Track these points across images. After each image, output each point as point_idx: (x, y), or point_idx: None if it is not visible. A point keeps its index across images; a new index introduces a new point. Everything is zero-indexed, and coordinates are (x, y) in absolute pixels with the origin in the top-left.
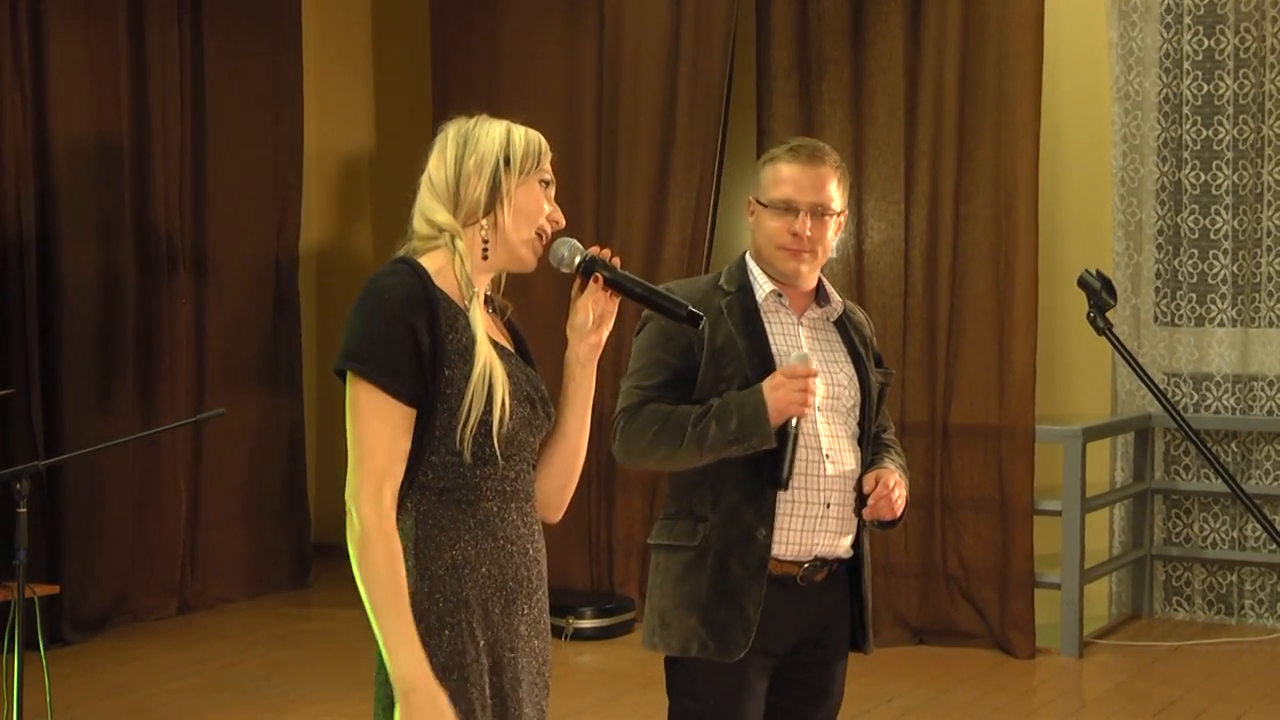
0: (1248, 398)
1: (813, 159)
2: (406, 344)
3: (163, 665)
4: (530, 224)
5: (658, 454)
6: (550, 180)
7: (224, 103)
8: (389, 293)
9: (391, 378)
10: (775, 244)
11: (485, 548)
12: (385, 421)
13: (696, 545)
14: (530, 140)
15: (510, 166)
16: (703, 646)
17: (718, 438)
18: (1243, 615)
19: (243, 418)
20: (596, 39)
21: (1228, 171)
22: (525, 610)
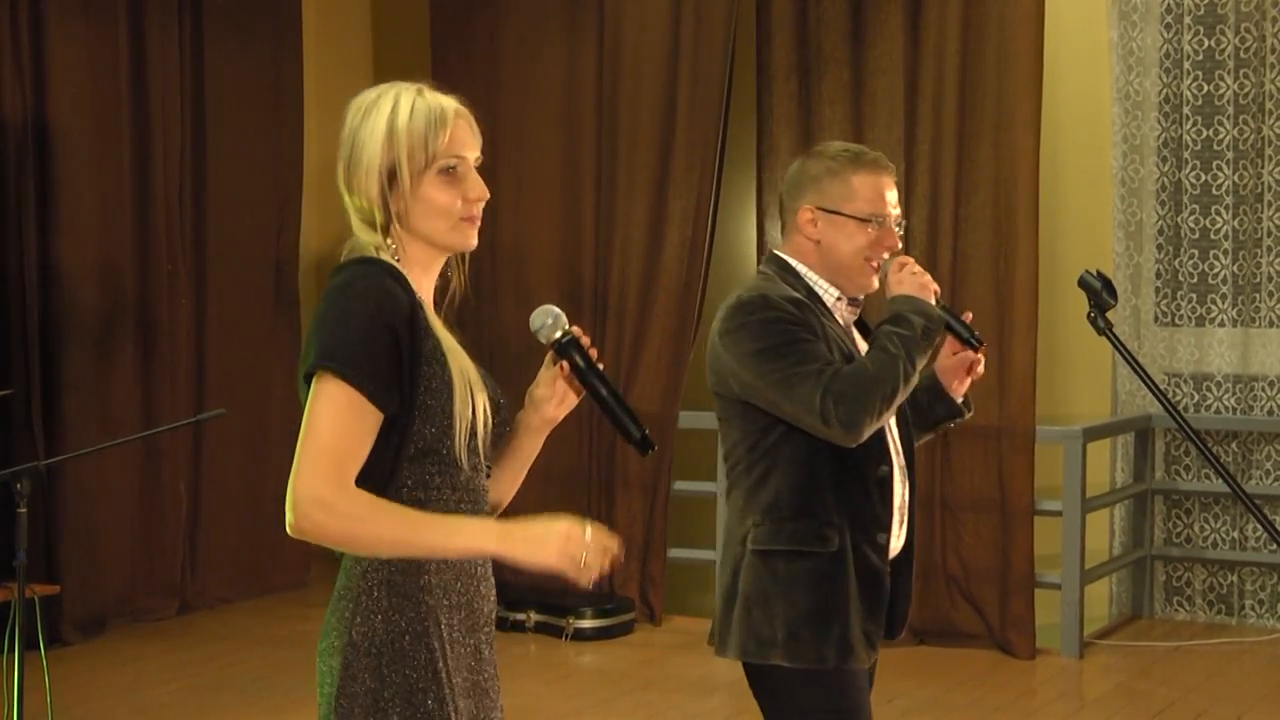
0: (1248, 398)
1: (888, 168)
2: (385, 346)
3: (163, 666)
4: (444, 217)
5: (888, 396)
6: (453, 165)
7: (224, 103)
8: (367, 290)
9: (369, 380)
10: (863, 257)
11: (456, 562)
12: (357, 421)
13: (831, 551)
14: (415, 131)
15: (398, 175)
16: (840, 656)
17: (915, 341)
18: (1243, 615)
19: (243, 418)
20: (596, 40)
21: (1228, 172)
22: (485, 628)
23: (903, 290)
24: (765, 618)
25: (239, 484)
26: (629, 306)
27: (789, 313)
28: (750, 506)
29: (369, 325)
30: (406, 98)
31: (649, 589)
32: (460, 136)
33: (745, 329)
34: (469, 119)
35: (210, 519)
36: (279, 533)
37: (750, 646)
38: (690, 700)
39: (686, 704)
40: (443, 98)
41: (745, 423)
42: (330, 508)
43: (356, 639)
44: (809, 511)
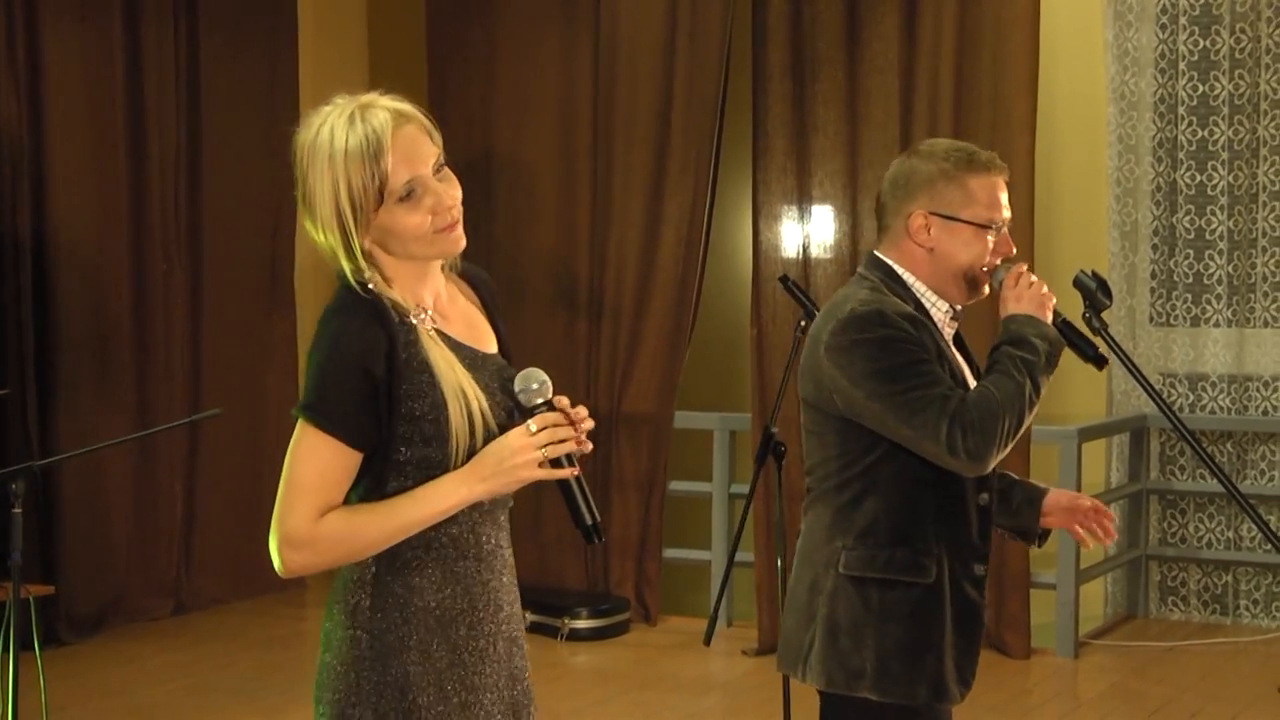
0: (1243, 398)
1: (1001, 168)
2: (360, 390)
3: (158, 666)
4: (418, 238)
5: (1013, 431)
6: (410, 190)
7: (220, 103)
8: (342, 334)
9: (340, 425)
10: (985, 265)
11: (453, 565)
12: (333, 464)
13: (929, 582)
14: (355, 172)
15: (353, 219)
16: (934, 692)
17: (1040, 366)
18: (1238, 615)
19: (238, 418)
20: (592, 40)
21: (1223, 172)
22: (495, 629)
23: (1021, 308)
24: (855, 648)
25: (234, 484)
26: (624, 306)
27: (906, 331)
28: (842, 528)
29: (342, 369)
30: (340, 128)
31: (644, 589)
32: (406, 153)
33: (860, 347)
34: (414, 120)
35: (206, 519)
36: None
37: (838, 677)
38: (686, 700)
39: (682, 704)
40: (378, 113)
41: (843, 440)
42: (307, 544)
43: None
44: (907, 539)
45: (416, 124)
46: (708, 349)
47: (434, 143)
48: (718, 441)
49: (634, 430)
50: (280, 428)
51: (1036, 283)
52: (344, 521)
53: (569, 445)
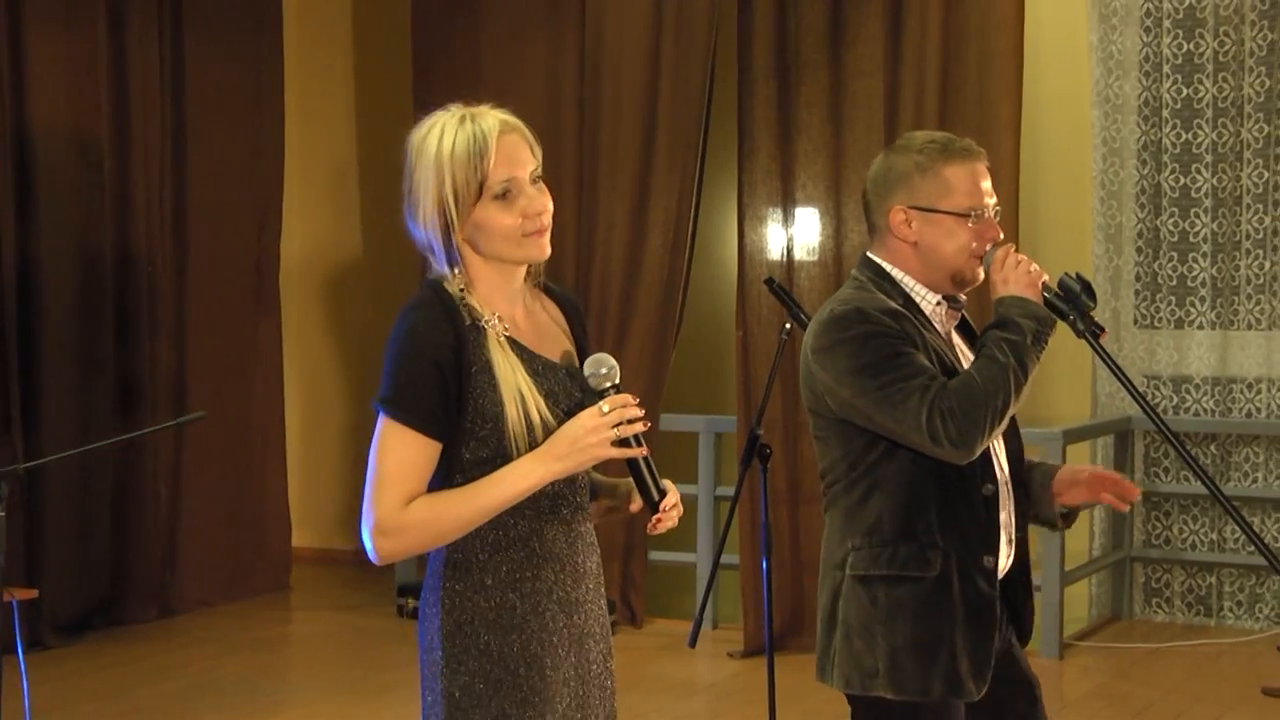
0: (1226, 400)
1: (978, 155)
2: (432, 381)
3: (143, 670)
4: (508, 238)
5: (998, 408)
6: (506, 190)
7: (205, 104)
8: (414, 329)
9: (417, 415)
10: (970, 253)
11: (521, 569)
12: (414, 454)
13: (934, 576)
14: (460, 165)
15: (453, 210)
16: (947, 688)
17: (1026, 347)
18: (1222, 617)
19: (223, 421)
20: (578, 42)
21: (1207, 175)
22: (570, 626)
23: (1009, 290)
24: (867, 647)
25: (220, 487)
26: (610, 308)
27: (886, 325)
28: (849, 528)
29: (415, 362)
30: (450, 128)
31: (630, 591)
32: (508, 155)
33: (841, 345)
34: (519, 131)
35: (191, 522)
36: (260, 535)
37: (854, 678)
38: (672, 702)
39: (668, 706)
40: (488, 119)
41: (844, 441)
42: (396, 531)
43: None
44: (910, 534)
45: (520, 134)
46: (693, 351)
47: (534, 155)
48: (703, 444)
49: None
50: (266, 430)
51: (1024, 262)
52: (428, 507)
53: (639, 426)
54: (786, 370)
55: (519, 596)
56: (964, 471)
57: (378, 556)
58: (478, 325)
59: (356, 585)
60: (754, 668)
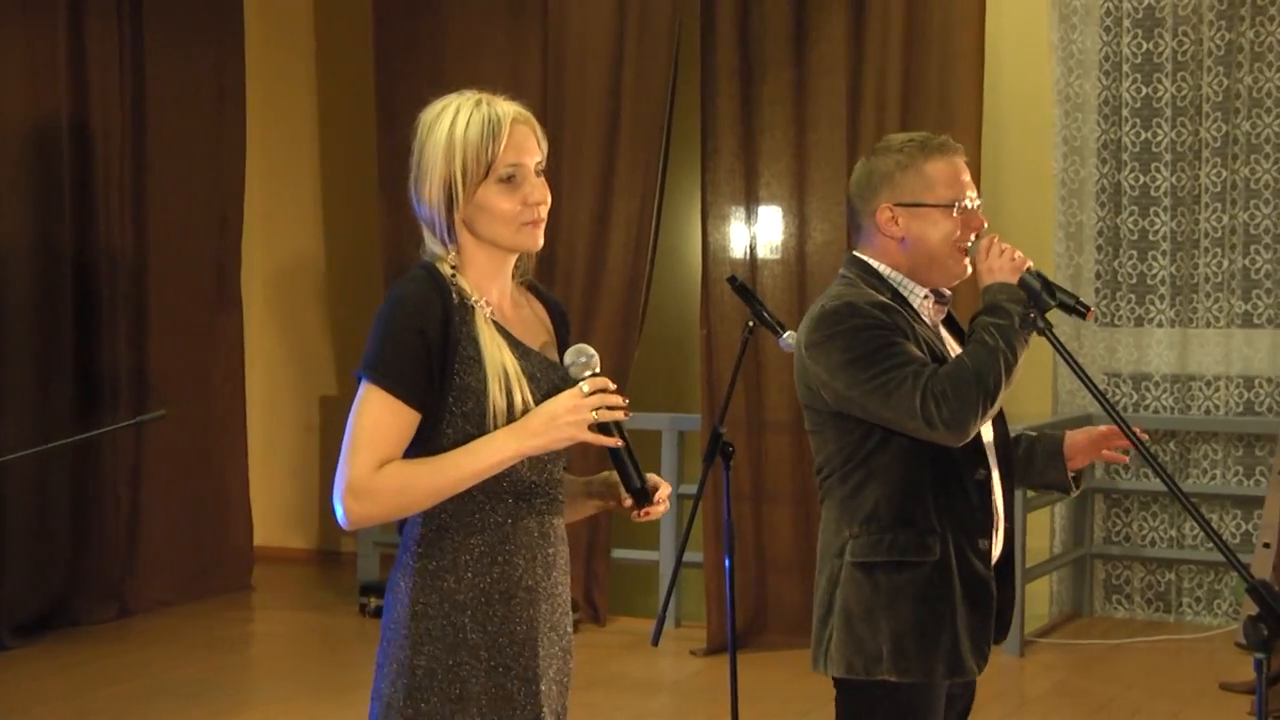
0: (1186, 397)
1: (958, 149)
2: (416, 351)
3: (104, 669)
4: (506, 223)
5: (990, 390)
6: (511, 173)
7: (166, 102)
8: (403, 301)
9: (399, 383)
10: (955, 245)
11: (493, 553)
12: (392, 420)
13: (934, 560)
14: (471, 142)
15: (458, 186)
16: (950, 669)
17: (1014, 330)
18: (1180, 613)
19: (184, 419)
20: (540, 41)
21: (1166, 173)
22: (537, 615)
23: (994, 278)
24: (870, 633)
25: (180, 486)
26: (573, 306)
27: (877, 318)
28: (847, 517)
29: (401, 331)
30: (465, 109)
31: (594, 589)
32: (518, 143)
33: (834, 339)
34: (530, 124)
35: (150, 522)
36: (220, 535)
37: (857, 663)
38: (635, 700)
39: (631, 704)
40: (502, 105)
41: (839, 434)
42: (366, 493)
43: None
44: (909, 520)
45: (531, 126)
46: (657, 350)
47: (541, 149)
48: (666, 442)
49: None
50: (227, 429)
51: (1007, 250)
52: (400, 472)
53: (619, 415)
54: (749, 368)
55: (490, 580)
56: (957, 457)
57: (347, 519)
58: (466, 304)
59: (319, 584)
60: (717, 665)
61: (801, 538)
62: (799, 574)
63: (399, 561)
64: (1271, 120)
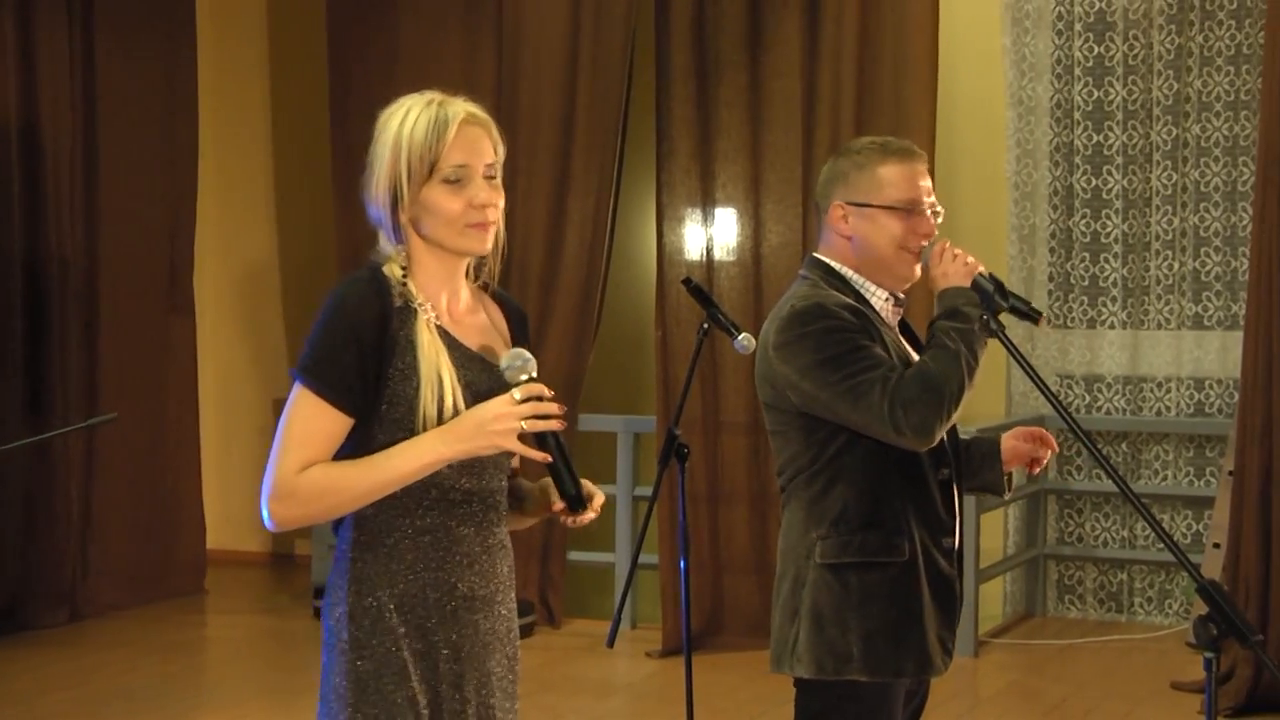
0: (1137, 399)
1: (917, 155)
2: (350, 354)
3: (54, 674)
4: (450, 224)
5: (954, 394)
6: (458, 176)
7: (117, 103)
8: (342, 303)
9: (330, 386)
10: (901, 246)
11: (427, 558)
12: (320, 423)
13: (904, 560)
14: (415, 142)
15: (403, 185)
16: (919, 666)
17: (974, 333)
18: (1133, 613)
19: (137, 422)
20: (495, 42)
21: (1118, 176)
22: (475, 623)
23: (949, 282)
24: (841, 633)
25: (132, 489)
26: (528, 308)
27: (847, 320)
28: (814, 519)
29: (337, 334)
30: (417, 108)
31: (548, 591)
32: (467, 144)
33: (803, 340)
34: (484, 125)
35: (103, 525)
36: (173, 538)
37: (828, 663)
38: (590, 702)
39: (586, 706)
40: (455, 105)
41: (805, 435)
42: (288, 495)
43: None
44: (877, 522)
45: (485, 129)
46: (612, 351)
47: (495, 151)
48: (622, 444)
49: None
50: (179, 432)
51: (960, 255)
52: (324, 474)
53: (554, 424)
54: (705, 370)
55: (422, 587)
56: (923, 458)
57: (272, 522)
58: (410, 307)
59: (273, 588)
60: (672, 667)
61: (757, 539)
62: (755, 575)
63: (335, 566)
64: (1221, 124)
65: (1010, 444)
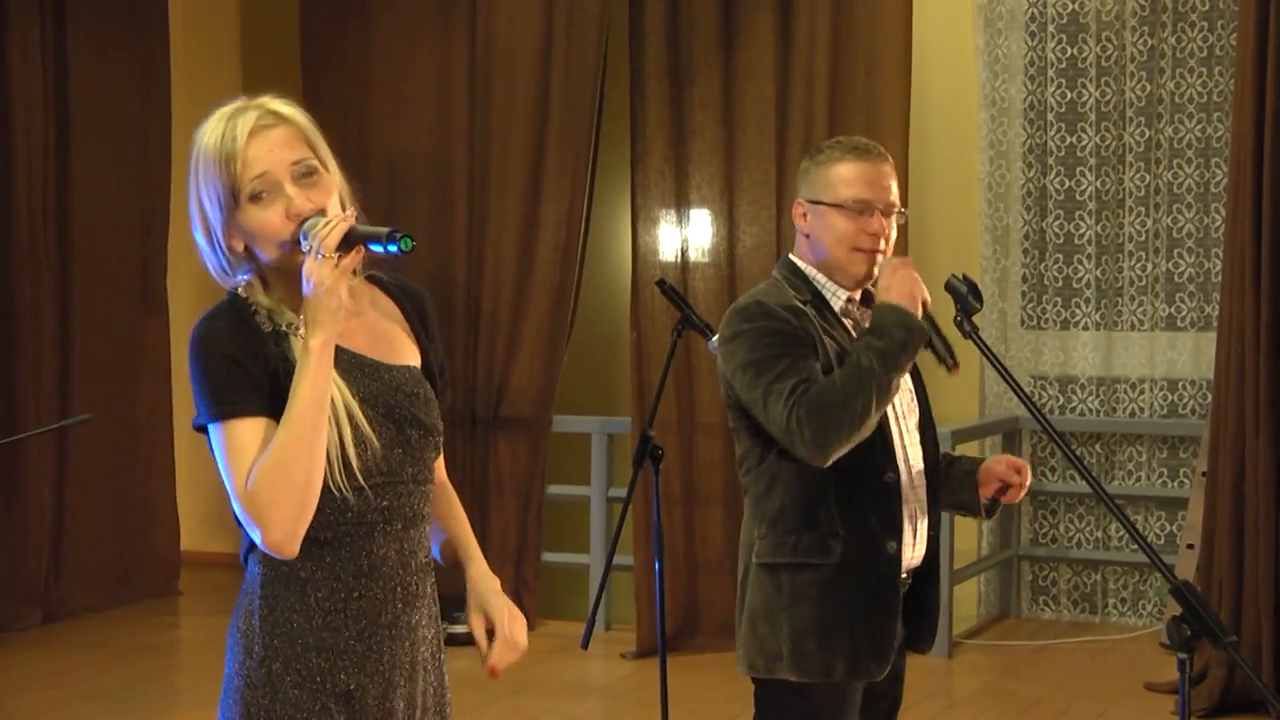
0: (1111, 400)
1: (876, 156)
2: (235, 372)
3: (27, 676)
4: (272, 242)
5: (857, 413)
6: (259, 192)
7: (89, 102)
8: (208, 338)
9: (236, 405)
10: (850, 245)
11: (345, 584)
12: (248, 438)
13: (834, 562)
14: (210, 175)
15: (222, 217)
16: (851, 669)
17: (889, 357)
18: (1106, 614)
19: (109, 423)
20: (468, 43)
21: (1091, 177)
22: (400, 647)
23: (889, 297)
24: (770, 631)
25: (106, 490)
26: (502, 310)
27: (782, 321)
28: (756, 517)
29: (213, 364)
30: (209, 131)
31: (523, 593)
32: (258, 155)
33: (738, 339)
34: (288, 125)
35: (76, 526)
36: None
37: (759, 661)
38: (565, 704)
39: (561, 707)
40: (247, 115)
41: (753, 433)
42: (253, 507)
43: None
44: (812, 523)
45: (288, 127)
46: (586, 353)
47: (306, 146)
48: (596, 445)
49: (512, 434)
50: (152, 432)
51: (911, 276)
52: (262, 462)
53: (340, 226)
54: (679, 371)
55: (346, 618)
56: (861, 462)
57: (276, 548)
58: (279, 331)
59: None
60: (647, 668)
61: (732, 541)
62: (730, 577)
63: (239, 606)
64: (1193, 125)
65: (987, 466)
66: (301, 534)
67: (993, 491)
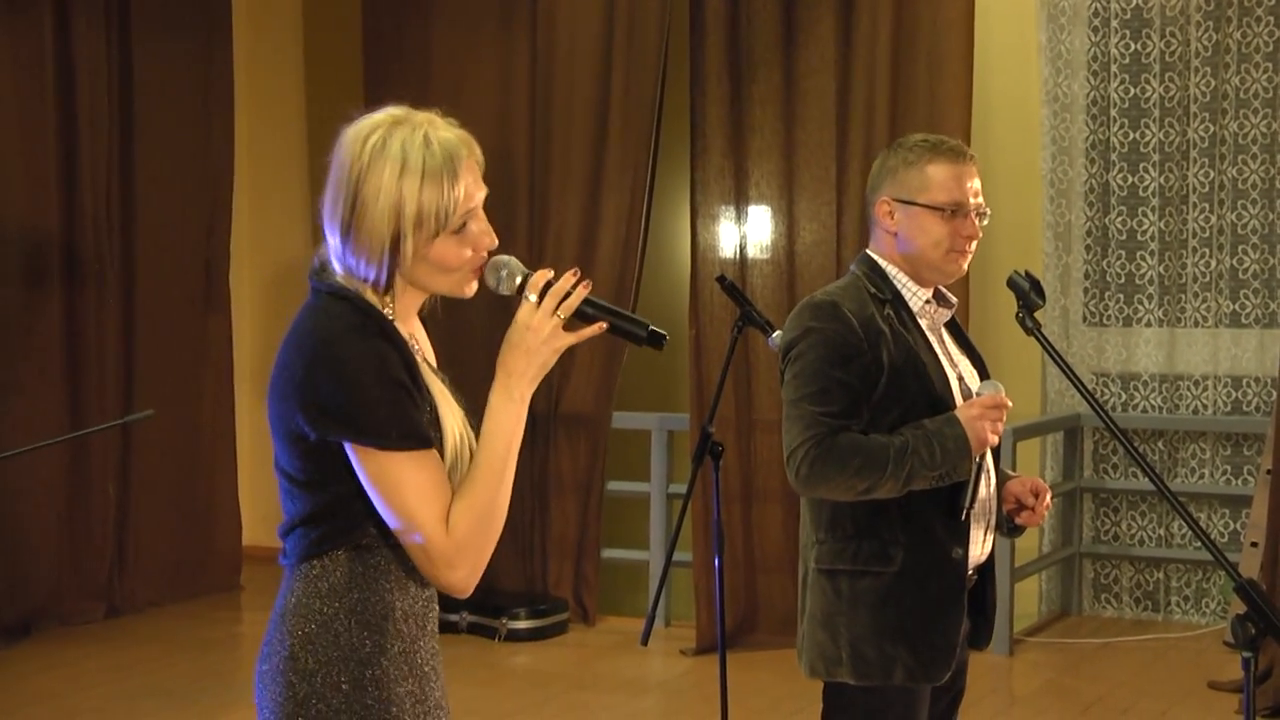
0: (1174, 397)
1: (966, 157)
2: (407, 398)
3: (90, 670)
4: (451, 274)
5: (855, 488)
6: (466, 224)
7: (153, 103)
8: (371, 355)
9: (412, 437)
10: (945, 248)
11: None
12: (427, 475)
13: (895, 570)
14: (428, 199)
15: (405, 241)
16: (909, 674)
17: (919, 470)
18: (1169, 612)
19: (173, 419)
20: (529, 41)
21: (1154, 173)
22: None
23: (970, 430)
24: (830, 637)
25: (169, 486)
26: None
27: (848, 335)
28: (815, 522)
29: (385, 387)
30: (415, 146)
31: (583, 590)
32: (470, 184)
33: (805, 338)
34: (475, 152)
35: (139, 521)
36: (209, 534)
37: (819, 666)
38: (624, 700)
39: (620, 704)
40: (450, 136)
41: None
42: (456, 555)
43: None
44: (873, 530)
45: (475, 155)
46: (645, 350)
47: (482, 181)
48: (655, 442)
49: (572, 431)
50: (215, 429)
51: (997, 429)
52: (463, 512)
53: (581, 292)
54: (738, 368)
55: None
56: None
57: (461, 589)
58: (411, 346)
59: None
60: (706, 665)
61: (791, 538)
62: (788, 574)
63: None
64: (1258, 121)
65: (1008, 485)
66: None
67: (1008, 510)
